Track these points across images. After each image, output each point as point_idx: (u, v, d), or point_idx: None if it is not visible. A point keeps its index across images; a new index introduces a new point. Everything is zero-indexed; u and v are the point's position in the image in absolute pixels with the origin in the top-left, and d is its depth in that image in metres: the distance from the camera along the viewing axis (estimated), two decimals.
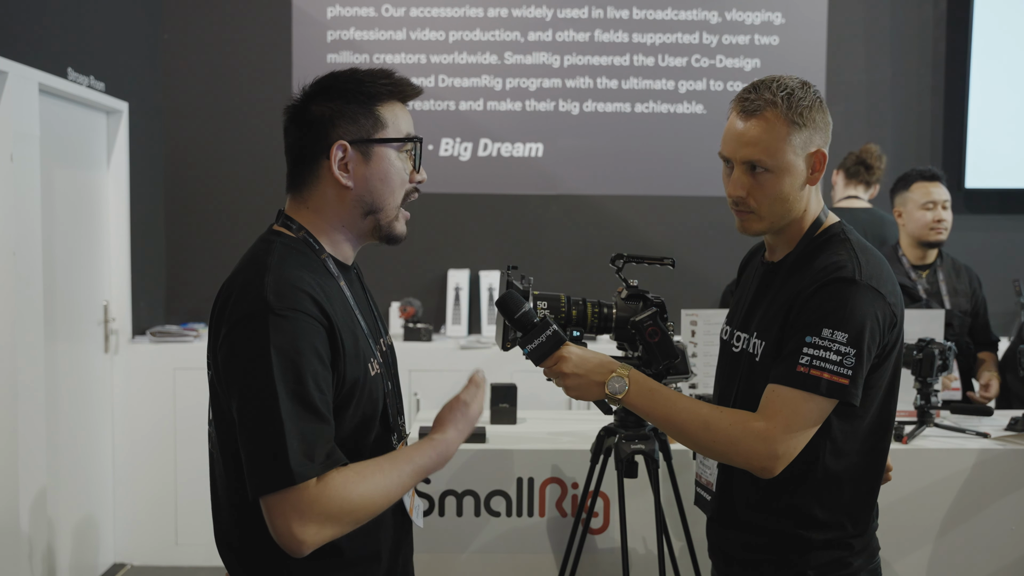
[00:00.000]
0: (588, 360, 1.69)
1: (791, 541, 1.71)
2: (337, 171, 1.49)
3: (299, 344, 1.35)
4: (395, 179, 1.53)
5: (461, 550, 2.58)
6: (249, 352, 1.35)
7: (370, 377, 1.49)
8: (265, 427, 1.32)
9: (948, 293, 3.43)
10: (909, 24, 4.83)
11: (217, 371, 1.42)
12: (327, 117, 1.49)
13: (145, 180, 4.42)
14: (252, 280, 1.40)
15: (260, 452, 1.32)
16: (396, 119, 1.53)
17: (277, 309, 1.35)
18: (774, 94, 1.67)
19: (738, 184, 1.71)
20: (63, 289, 3.71)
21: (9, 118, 3.13)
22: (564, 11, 4.72)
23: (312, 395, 1.35)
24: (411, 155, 1.55)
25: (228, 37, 4.67)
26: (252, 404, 1.34)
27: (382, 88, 1.51)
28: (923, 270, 3.47)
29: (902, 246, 3.50)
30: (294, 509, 1.31)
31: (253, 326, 1.35)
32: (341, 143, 1.49)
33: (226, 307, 1.41)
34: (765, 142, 1.66)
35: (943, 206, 3.40)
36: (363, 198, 1.52)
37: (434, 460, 1.50)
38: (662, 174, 4.79)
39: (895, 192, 3.54)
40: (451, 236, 4.75)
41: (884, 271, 1.68)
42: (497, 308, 1.73)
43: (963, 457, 2.63)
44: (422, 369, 4.16)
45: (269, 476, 1.31)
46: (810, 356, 1.59)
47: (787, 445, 1.60)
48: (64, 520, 3.70)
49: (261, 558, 1.45)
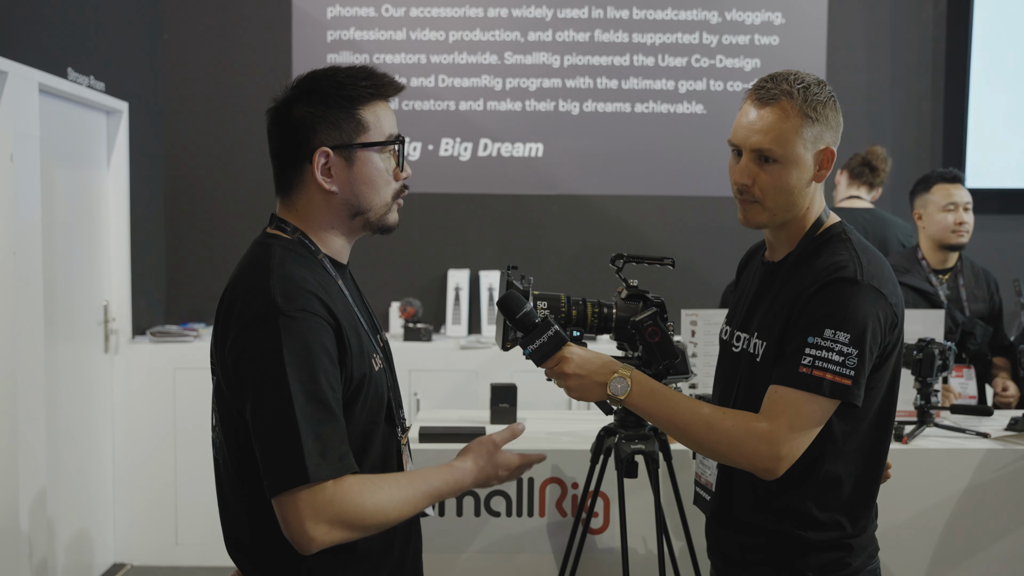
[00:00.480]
0: (590, 361, 1.69)
1: (790, 541, 1.71)
2: (320, 177, 1.50)
3: (310, 344, 1.37)
4: (379, 181, 1.53)
5: (461, 550, 2.58)
6: (261, 354, 1.36)
7: (375, 372, 1.51)
8: (280, 427, 1.34)
9: (968, 299, 3.33)
10: (909, 24, 4.83)
11: (226, 374, 1.43)
12: (308, 123, 1.49)
13: (145, 180, 4.42)
14: (258, 283, 1.41)
15: (276, 452, 1.34)
16: (378, 120, 1.52)
17: (286, 311, 1.37)
18: (791, 85, 1.67)
19: (745, 172, 1.71)
20: (63, 289, 3.71)
21: (9, 118, 3.13)
22: (564, 11, 4.72)
23: (325, 394, 1.37)
24: (395, 154, 1.56)
25: (228, 37, 4.67)
26: (266, 405, 1.35)
27: (363, 91, 1.51)
28: (943, 274, 3.37)
29: (922, 249, 3.40)
30: (308, 507, 1.33)
31: (264, 328, 1.37)
32: (323, 150, 1.49)
33: (232, 311, 1.42)
34: (777, 131, 1.66)
35: (964, 208, 3.30)
36: (349, 201, 1.53)
37: (449, 485, 1.51)
38: (662, 174, 4.79)
39: (915, 194, 3.44)
40: (451, 236, 4.75)
41: (885, 271, 1.68)
42: (498, 308, 1.73)
43: (963, 457, 2.63)
44: (422, 369, 4.16)
45: (285, 475, 1.33)
46: (812, 357, 1.59)
47: (790, 446, 1.60)
48: (64, 520, 3.69)
49: (273, 556, 1.46)
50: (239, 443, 1.44)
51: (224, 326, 1.43)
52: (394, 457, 1.57)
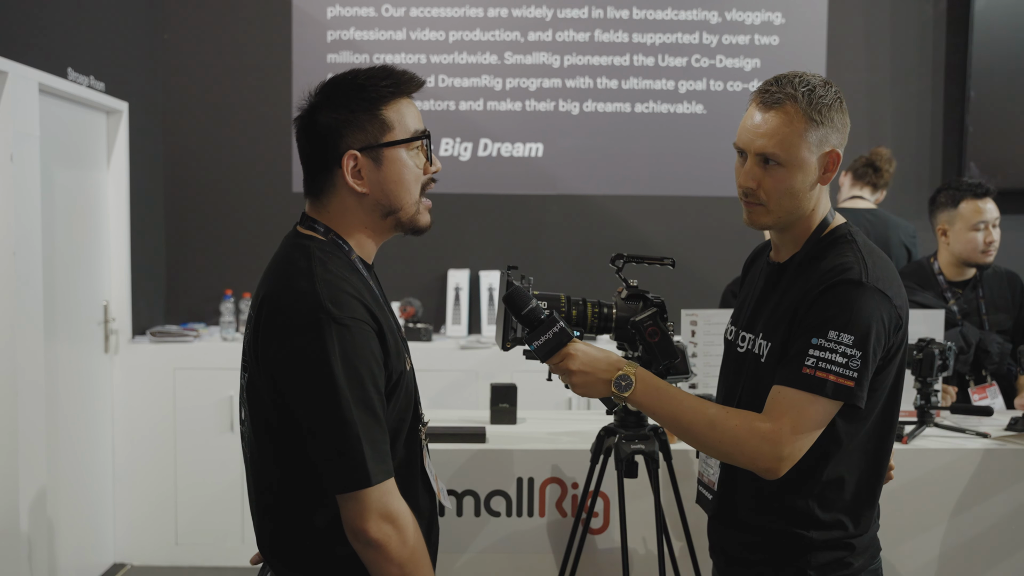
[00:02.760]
0: (595, 358, 1.70)
1: (792, 541, 1.71)
2: (351, 180, 1.52)
3: (361, 351, 1.43)
4: (409, 178, 1.55)
5: (461, 550, 2.58)
6: (315, 360, 1.40)
7: (407, 371, 1.56)
8: (339, 433, 1.40)
9: (988, 311, 3.15)
10: (909, 24, 4.83)
11: (267, 372, 1.46)
12: (334, 128, 1.51)
13: (145, 180, 4.42)
14: (305, 288, 1.44)
15: (337, 456, 1.41)
16: (402, 118, 1.54)
17: (338, 318, 1.41)
18: (795, 88, 1.67)
19: (750, 175, 1.71)
20: (63, 289, 3.71)
21: (9, 118, 3.13)
22: (564, 11, 4.72)
23: (374, 400, 1.44)
24: (423, 148, 1.57)
25: (228, 37, 4.67)
26: (322, 411, 1.41)
27: (384, 90, 1.52)
28: (960, 287, 3.20)
29: (940, 263, 3.23)
30: (367, 505, 1.42)
31: (317, 334, 1.40)
32: (351, 153, 1.51)
33: (277, 318, 1.45)
34: (781, 135, 1.67)
35: (993, 224, 3.10)
36: (380, 201, 1.55)
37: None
38: (662, 174, 4.79)
39: (938, 207, 3.23)
40: (451, 236, 4.75)
41: (890, 273, 1.68)
42: (504, 304, 1.73)
43: (963, 457, 2.63)
44: (422, 369, 4.09)
45: (349, 478, 1.41)
46: (816, 358, 1.59)
47: (793, 447, 1.60)
48: (64, 520, 3.69)
49: (303, 549, 1.52)
50: (270, 435, 1.50)
51: (269, 328, 1.46)
52: (418, 451, 1.61)
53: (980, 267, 3.18)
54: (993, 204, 3.17)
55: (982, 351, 3.12)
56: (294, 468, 1.49)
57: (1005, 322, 3.19)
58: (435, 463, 2.39)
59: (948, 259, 3.23)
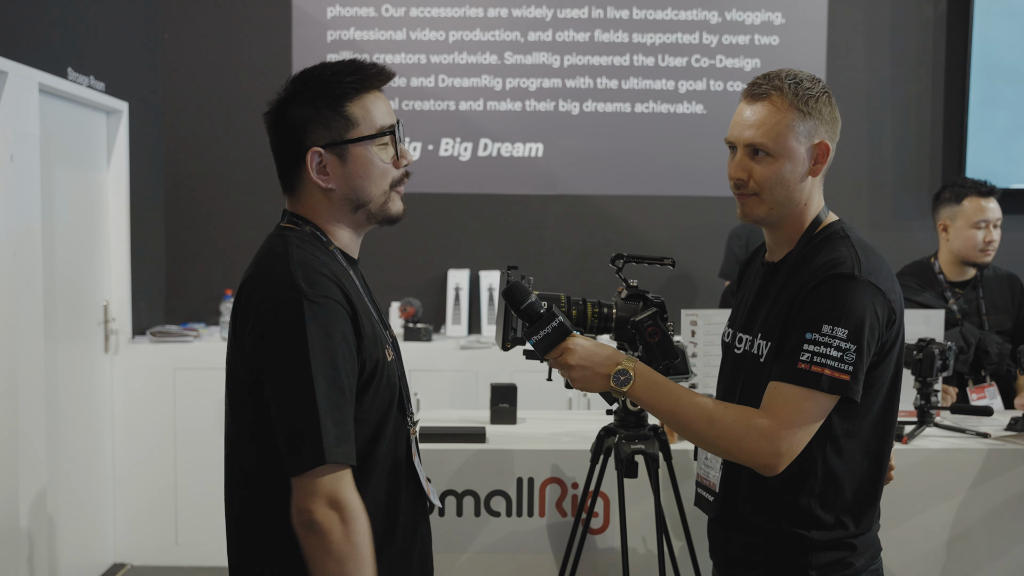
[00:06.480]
0: (594, 352, 1.70)
1: (793, 541, 1.71)
2: (316, 176, 1.52)
3: (332, 330, 1.41)
4: (375, 173, 1.55)
5: (461, 550, 2.58)
6: (286, 336, 1.39)
7: (387, 361, 1.54)
8: (302, 409, 1.37)
9: (988, 312, 3.15)
10: (909, 24, 4.83)
11: (243, 358, 1.45)
12: (299, 124, 1.51)
13: (145, 180, 4.42)
14: (280, 269, 1.44)
15: (297, 431, 1.38)
16: (367, 114, 1.53)
17: (310, 296, 1.40)
18: (782, 81, 1.70)
19: (740, 166, 1.73)
20: (63, 289, 3.71)
21: (9, 118, 3.13)
22: (564, 11, 4.72)
23: (343, 380, 1.41)
24: (391, 142, 1.56)
25: (228, 37, 4.67)
26: (289, 386, 1.39)
27: (348, 87, 1.52)
28: (960, 287, 3.19)
29: (940, 262, 3.22)
30: (317, 484, 1.37)
31: (288, 311, 1.40)
32: (315, 150, 1.51)
33: (254, 297, 1.44)
34: (768, 125, 1.69)
35: (994, 224, 3.10)
36: (348, 196, 1.54)
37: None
38: (662, 174, 4.79)
39: (942, 202, 3.23)
40: (451, 236, 4.75)
41: (884, 268, 1.68)
42: (504, 298, 1.73)
43: (963, 457, 2.63)
44: (422, 369, 4.16)
45: (305, 454, 1.37)
46: (811, 353, 1.60)
47: (790, 442, 1.60)
48: (64, 520, 3.69)
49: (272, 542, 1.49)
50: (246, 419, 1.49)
51: (244, 313, 1.46)
52: (404, 448, 1.59)
53: (978, 266, 3.18)
54: (996, 204, 3.17)
55: (982, 351, 3.12)
56: (269, 452, 1.45)
57: (1005, 323, 3.19)
58: (435, 463, 2.39)
59: (948, 257, 3.23)
